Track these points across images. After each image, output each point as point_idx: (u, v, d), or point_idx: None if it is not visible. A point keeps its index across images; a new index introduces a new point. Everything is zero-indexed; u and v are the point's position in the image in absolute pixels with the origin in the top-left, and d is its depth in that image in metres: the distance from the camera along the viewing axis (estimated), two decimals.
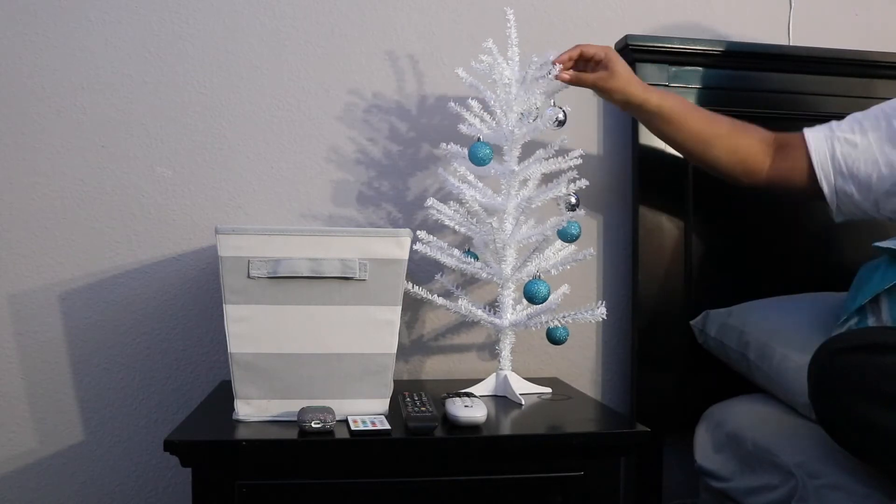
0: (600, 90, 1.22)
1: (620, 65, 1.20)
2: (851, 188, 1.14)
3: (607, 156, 1.49)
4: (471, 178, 1.21)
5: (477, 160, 1.18)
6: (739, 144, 1.21)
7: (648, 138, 1.41)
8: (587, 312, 1.16)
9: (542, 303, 1.15)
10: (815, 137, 1.17)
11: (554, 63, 1.18)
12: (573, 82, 1.21)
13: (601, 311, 1.14)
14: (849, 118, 1.18)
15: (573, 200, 1.19)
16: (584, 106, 1.48)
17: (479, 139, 1.19)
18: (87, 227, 1.36)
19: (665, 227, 1.42)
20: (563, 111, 1.18)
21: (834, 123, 1.18)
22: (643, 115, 1.24)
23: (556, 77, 1.18)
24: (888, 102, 1.17)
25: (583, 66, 1.22)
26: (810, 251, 1.45)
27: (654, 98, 1.20)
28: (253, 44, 1.40)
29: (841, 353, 0.91)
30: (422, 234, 1.22)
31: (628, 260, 1.46)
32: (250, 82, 1.40)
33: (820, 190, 1.16)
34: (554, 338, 1.22)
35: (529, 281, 1.16)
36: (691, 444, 1.32)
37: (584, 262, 1.19)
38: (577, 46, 1.21)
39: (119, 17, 1.37)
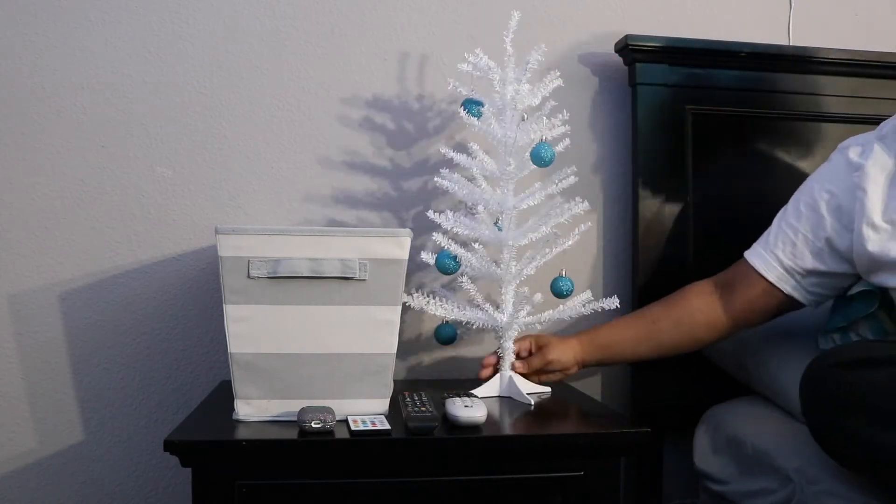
0: (549, 364, 1.21)
1: (554, 352, 1.20)
2: (823, 289, 1.12)
3: (608, 152, 1.49)
4: (476, 173, 1.21)
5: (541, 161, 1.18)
6: (680, 316, 1.19)
7: (648, 140, 1.41)
8: (602, 302, 1.21)
9: (567, 297, 1.20)
10: (755, 254, 1.15)
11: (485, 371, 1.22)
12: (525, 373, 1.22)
13: (613, 301, 1.21)
14: (776, 219, 1.15)
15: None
16: (585, 105, 1.48)
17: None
18: (87, 227, 1.36)
19: (665, 227, 1.42)
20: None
21: (770, 237, 1.14)
22: (598, 364, 1.28)
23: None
24: (811, 180, 1.15)
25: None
26: None
27: (576, 364, 1.21)
28: (253, 44, 1.40)
29: (832, 369, 0.92)
30: (437, 236, 1.21)
31: (628, 260, 1.46)
32: (250, 82, 1.40)
33: (793, 299, 1.13)
34: (441, 337, 1.26)
35: (556, 278, 1.21)
36: (691, 444, 1.32)
37: (584, 263, 1.19)
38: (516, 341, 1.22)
39: (119, 17, 1.37)
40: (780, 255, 1.12)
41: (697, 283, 1.21)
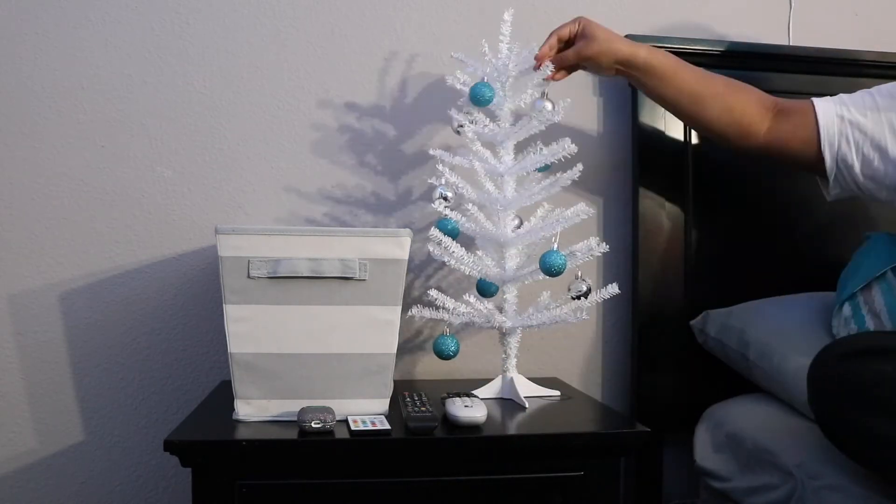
0: (586, 61, 1.18)
1: (599, 29, 1.17)
2: (853, 160, 1.11)
3: (608, 153, 1.49)
4: (479, 172, 1.20)
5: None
6: (735, 104, 1.17)
7: (648, 140, 1.41)
8: (601, 292, 1.16)
9: (559, 274, 1.12)
10: (824, 105, 1.13)
11: (538, 65, 1.17)
12: (560, 67, 1.19)
13: (612, 289, 1.16)
14: (861, 92, 1.14)
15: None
16: (584, 106, 1.48)
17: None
18: (87, 227, 1.36)
19: (665, 226, 1.42)
20: (552, 103, 1.17)
21: (845, 96, 1.14)
22: (634, 75, 1.19)
23: (548, 79, 1.18)
24: None
25: (565, 48, 1.20)
26: (810, 251, 1.45)
27: (641, 52, 1.17)
28: (253, 44, 1.40)
29: (840, 359, 0.91)
30: (434, 232, 1.18)
31: (628, 259, 1.46)
32: (250, 82, 1.40)
33: (820, 158, 1.12)
34: (440, 351, 1.19)
35: (547, 252, 1.12)
36: (691, 444, 1.32)
37: (583, 263, 1.19)
38: (551, 34, 1.19)
39: (119, 17, 1.37)
40: (845, 115, 1.11)
41: (763, 93, 1.19)
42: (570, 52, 1.18)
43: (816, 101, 1.14)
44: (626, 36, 1.38)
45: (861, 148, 1.10)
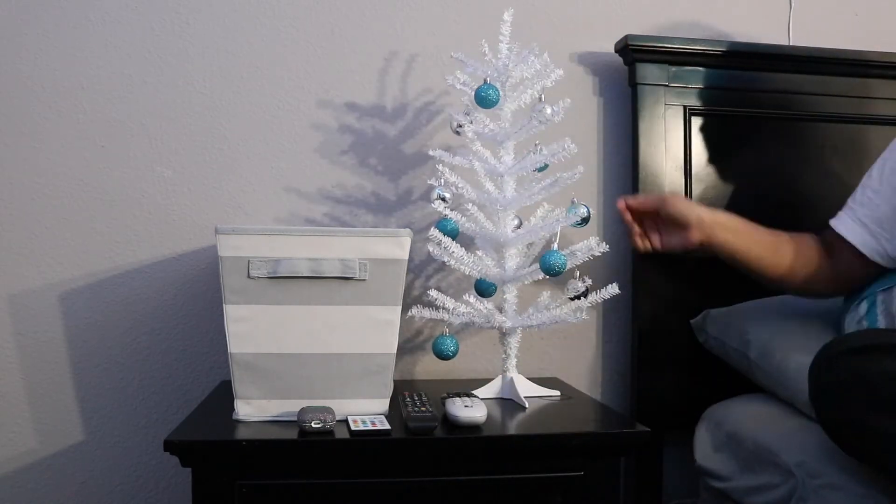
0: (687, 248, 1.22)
1: (693, 211, 1.21)
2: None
3: (608, 153, 1.49)
4: (480, 173, 1.21)
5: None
6: (803, 256, 1.20)
7: (648, 140, 1.41)
8: (601, 292, 1.16)
9: (559, 274, 1.13)
10: (849, 229, 1.16)
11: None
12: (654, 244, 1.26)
13: (612, 289, 1.16)
14: (861, 189, 1.17)
15: (584, 213, 1.19)
16: (585, 106, 1.48)
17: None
18: (87, 227, 1.36)
19: None
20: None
21: (852, 202, 1.17)
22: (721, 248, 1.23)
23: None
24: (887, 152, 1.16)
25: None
26: None
27: (715, 229, 1.20)
28: (253, 44, 1.40)
29: (843, 356, 0.91)
30: (434, 232, 1.18)
31: (628, 259, 1.46)
32: (250, 82, 1.40)
33: (880, 266, 1.15)
34: (439, 351, 1.19)
35: (547, 252, 1.12)
36: (691, 444, 1.32)
37: (583, 263, 1.18)
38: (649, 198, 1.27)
39: (119, 17, 1.37)
40: (862, 219, 1.14)
41: (809, 235, 1.22)
42: (676, 242, 1.25)
43: (841, 230, 1.16)
44: (627, 36, 1.39)
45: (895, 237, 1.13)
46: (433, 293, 1.15)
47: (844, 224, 1.17)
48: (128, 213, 1.37)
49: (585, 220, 1.19)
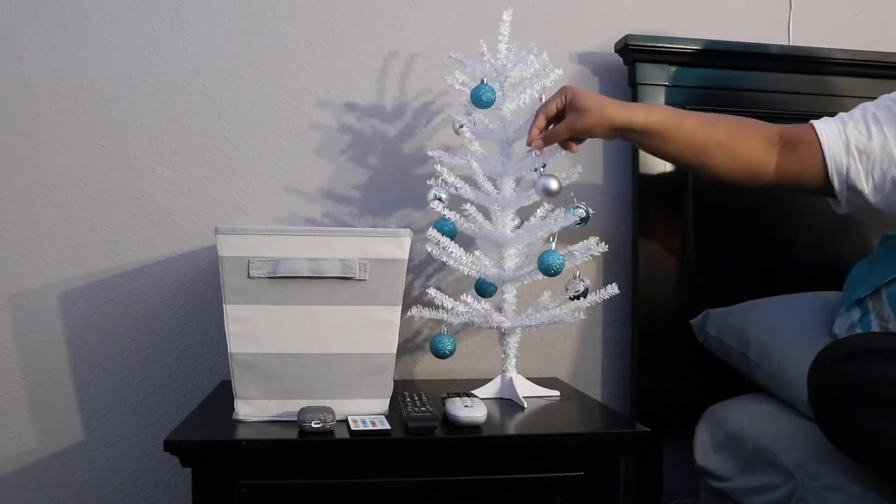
0: (580, 134, 1.12)
1: (588, 98, 1.10)
2: (864, 185, 1.09)
3: (608, 154, 1.49)
4: (476, 174, 1.21)
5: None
6: (740, 149, 1.13)
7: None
8: (601, 292, 1.15)
9: (557, 274, 1.11)
10: (828, 132, 1.10)
11: (530, 146, 1.12)
12: (559, 141, 1.13)
13: (612, 289, 1.15)
14: (859, 109, 1.11)
15: (583, 213, 1.17)
16: None
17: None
18: (87, 227, 1.36)
19: (665, 226, 1.42)
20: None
21: (845, 115, 1.12)
22: (633, 137, 1.15)
23: (538, 155, 1.13)
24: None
25: (556, 122, 1.14)
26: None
27: (638, 116, 1.11)
28: (253, 44, 1.40)
29: (842, 360, 0.91)
30: (432, 232, 1.17)
31: (628, 259, 1.46)
32: (250, 82, 1.40)
33: (830, 186, 1.10)
34: (436, 350, 1.19)
35: (545, 252, 1.11)
36: (691, 444, 1.32)
37: (583, 263, 1.18)
38: (537, 113, 1.13)
39: (119, 17, 1.37)
40: (850, 141, 1.08)
41: (766, 126, 1.15)
42: (562, 127, 1.11)
43: (819, 128, 1.11)
44: (627, 36, 1.39)
45: (871, 174, 1.08)
46: (433, 293, 1.15)
47: (828, 128, 1.11)
48: (128, 213, 1.37)
49: (584, 220, 1.19)
